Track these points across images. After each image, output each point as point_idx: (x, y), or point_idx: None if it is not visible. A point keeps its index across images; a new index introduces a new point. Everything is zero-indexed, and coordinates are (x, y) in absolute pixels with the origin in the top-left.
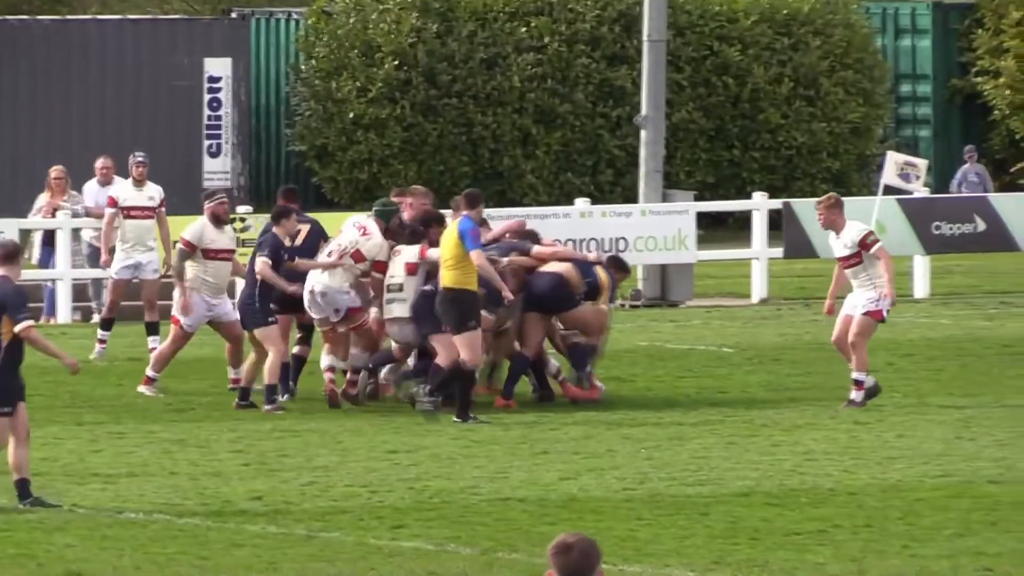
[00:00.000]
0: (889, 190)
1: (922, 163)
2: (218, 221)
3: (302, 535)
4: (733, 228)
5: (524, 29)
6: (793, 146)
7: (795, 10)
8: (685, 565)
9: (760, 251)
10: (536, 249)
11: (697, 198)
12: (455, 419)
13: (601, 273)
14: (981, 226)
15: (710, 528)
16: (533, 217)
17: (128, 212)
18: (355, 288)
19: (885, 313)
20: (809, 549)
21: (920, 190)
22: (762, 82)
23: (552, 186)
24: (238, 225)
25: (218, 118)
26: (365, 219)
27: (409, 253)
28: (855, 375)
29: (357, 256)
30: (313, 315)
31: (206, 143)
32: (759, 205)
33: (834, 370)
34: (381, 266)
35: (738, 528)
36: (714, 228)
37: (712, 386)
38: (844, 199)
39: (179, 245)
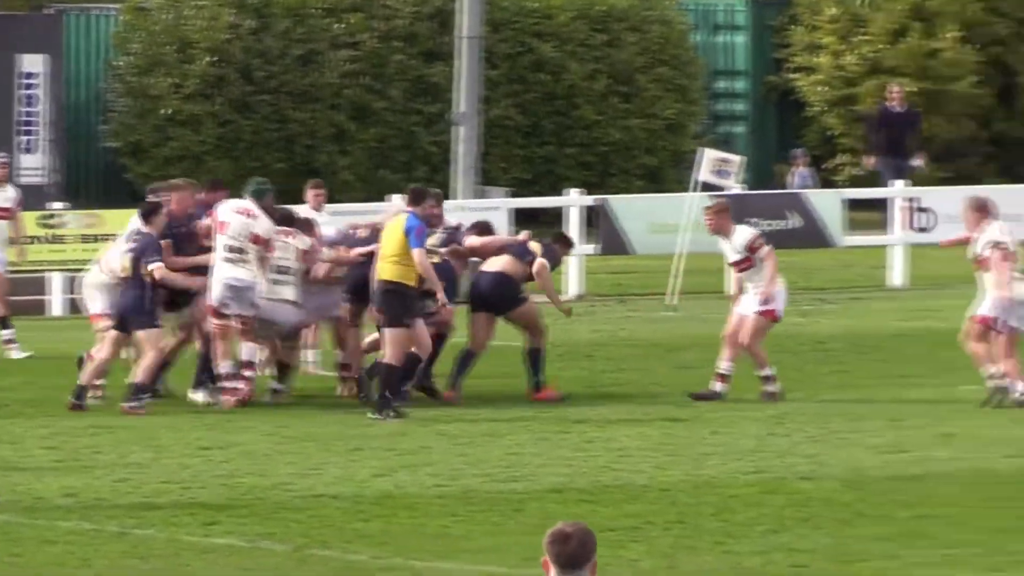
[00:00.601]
0: (704, 186)
1: (737, 159)
2: None
3: (115, 532)
4: (548, 225)
5: (340, 25)
6: (608, 143)
7: (611, 6)
8: (498, 561)
9: (575, 248)
10: (470, 240)
11: (512, 195)
12: (370, 414)
13: (535, 247)
14: (795, 222)
15: (523, 524)
16: (349, 214)
17: None
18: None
19: (779, 313)
20: (623, 545)
21: (735, 186)
22: (578, 79)
23: (367, 182)
24: (55, 221)
25: (33, 115)
26: (243, 203)
27: (302, 242)
28: (760, 372)
29: (256, 240)
30: (227, 310)
31: (20, 139)
32: (574, 202)
33: (648, 366)
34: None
35: (551, 524)
36: (529, 225)
37: (525, 383)
38: (658, 196)
39: None
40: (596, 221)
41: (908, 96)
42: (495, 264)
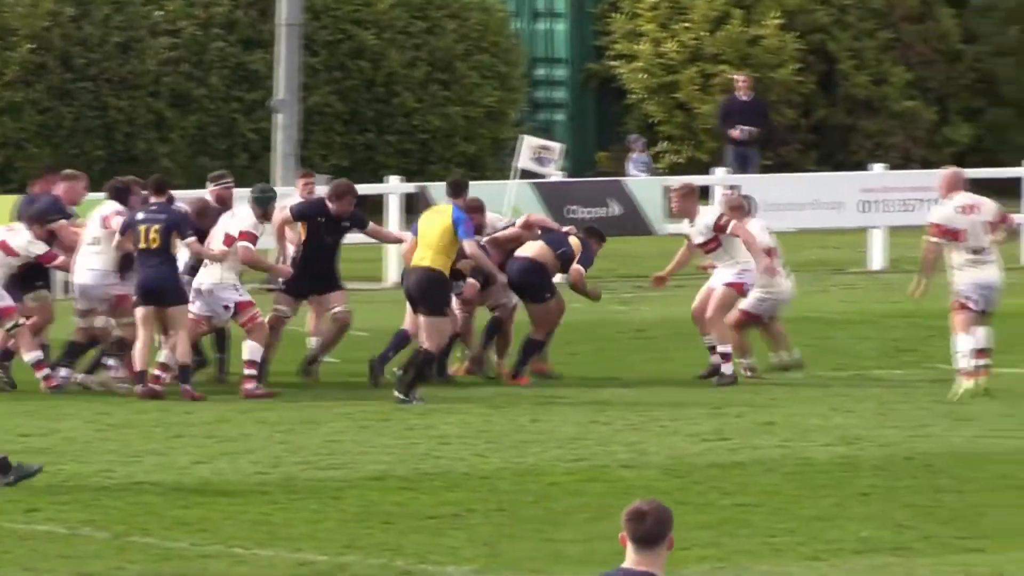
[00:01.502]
0: (524, 174)
1: (556, 147)
2: None
3: None
4: (368, 212)
5: (160, 13)
6: (428, 130)
7: None
8: (318, 549)
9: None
10: (513, 228)
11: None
12: (398, 395)
13: (575, 243)
14: (616, 210)
15: (343, 512)
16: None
17: None
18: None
19: (747, 287)
20: (443, 533)
21: (555, 174)
22: (397, 66)
23: (187, 170)
24: None
25: None
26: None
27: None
28: (720, 349)
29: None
30: (195, 312)
31: None
32: (394, 189)
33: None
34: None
35: (371, 512)
36: None
37: (346, 370)
38: (478, 183)
39: None
40: (416, 208)
41: (728, 83)
42: (528, 250)
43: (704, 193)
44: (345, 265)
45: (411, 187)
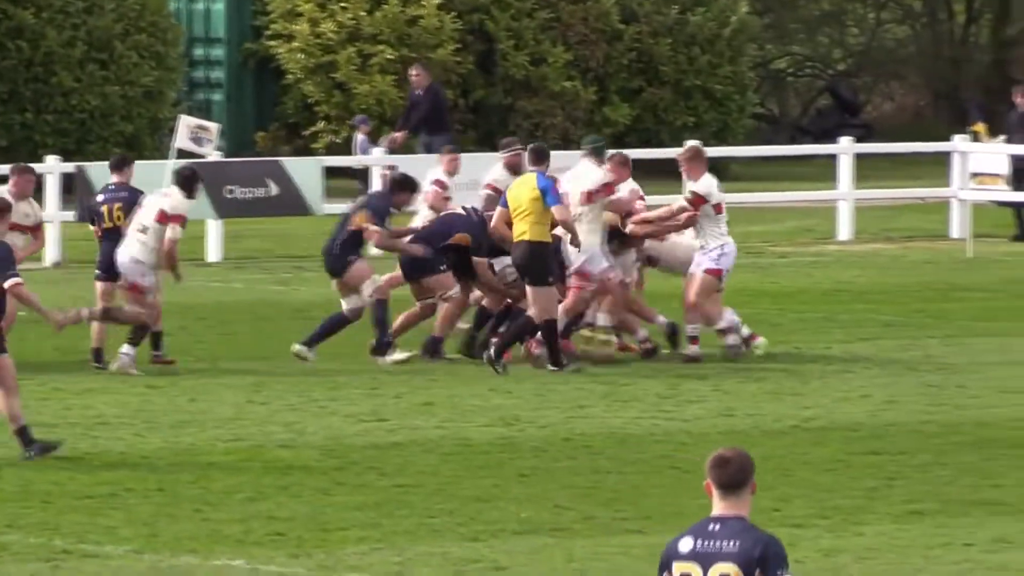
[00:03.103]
0: (182, 154)
1: (214, 127)
2: None
3: None
4: None
5: None
6: (86, 110)
7: None
8: None
9: (54, 215)
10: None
11: None
12: (551, 367)
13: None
14: (274, 190)
15: (1, 491)
16: None
17: None
18: None
19: (725, 272)
20: (101, 512)
21: (212, 154)
22: (56, 45)
23: None
24: None
25: None
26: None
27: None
28: (719, 327)
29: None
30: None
31: None
32: (52, 168)
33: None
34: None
35: (30, 491)
36: None
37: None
38: (137, 163)
39: None
40: (73, 188)
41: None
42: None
43: (365, 175)
44: None
45: (70, 167)
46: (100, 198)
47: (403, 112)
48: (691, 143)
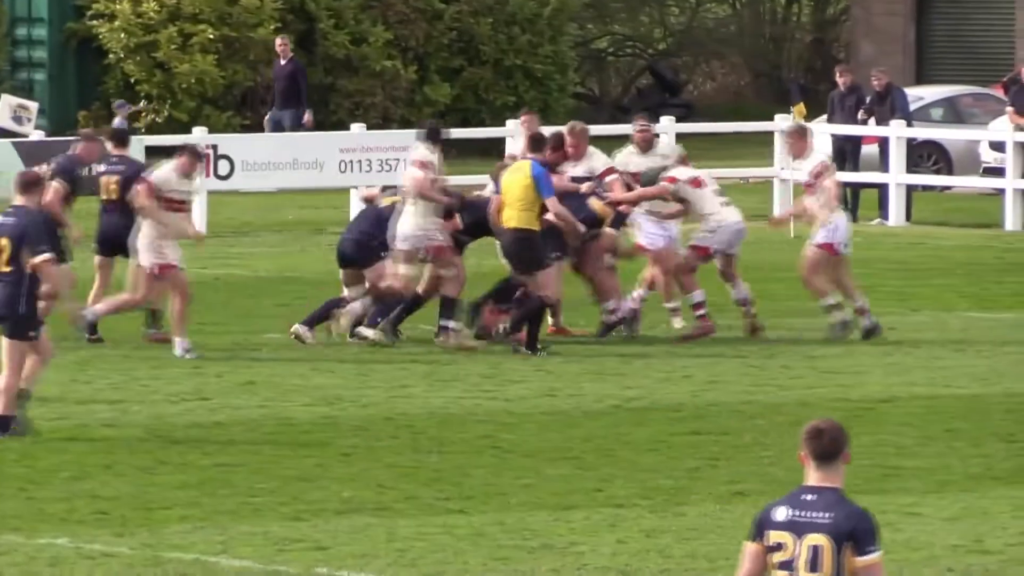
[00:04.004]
0: (3, 132)
1: (33, 106)
2: None
3: None
4: None
5: None
6: None
7: None
8: None
9: None
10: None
11: None
12: (525, 350)
13: (595, 205)
14: None
15: None
16: None
17: None
18: None
19: (838, 246)
20: None
21: (33, 132)
22: None
23: None
24: None
25: None
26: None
27: None
28: (823, 303)
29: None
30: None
31: None
32: None
33: None
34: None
35: None
36: None
37: None
38: None
39: None
40: None
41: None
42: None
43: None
44: None
45: None
46: (102, 168)
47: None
48: (795, 122)
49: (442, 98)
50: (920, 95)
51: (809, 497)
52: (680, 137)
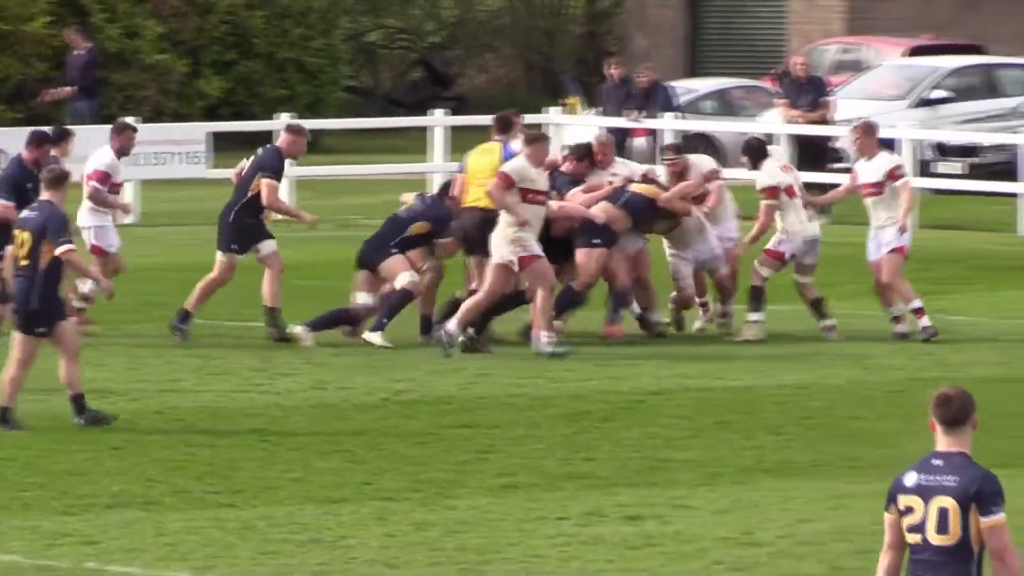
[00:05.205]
0: None
1: None
2: None
3: None
4: None
5: None
6: None
7: None
8: None
9: None
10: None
11: None
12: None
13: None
14: None
15: None
16: None
17: None
18: None
19: (908, 247)
20: None
21: None
22: None
23: None
24: None
25: None
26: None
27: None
28: (910, 306)
29: None
30: None
31: None
32: None
33: None
34: None
35: None
36: None
37: None
38: None
39: None
40: None
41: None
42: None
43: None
44: None
45: None
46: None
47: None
48: (864, 119)
49: (214, 92)
50: (692, 88)
51: (937, 462)
52: (454, 130)
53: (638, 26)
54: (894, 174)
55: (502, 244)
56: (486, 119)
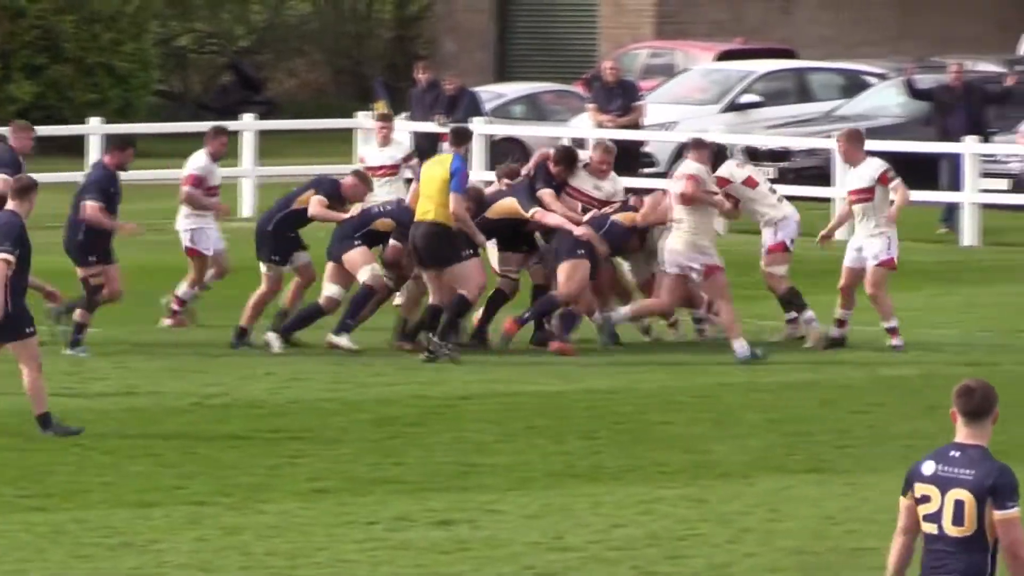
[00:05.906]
0: None
1: None
2: None
3: None
4: None
5: None
6: None
7: None
8: None
9: None
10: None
11: None
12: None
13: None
14: None
15: None
16: None
17: None
18: None
19: (895, 260)
20: None
21: None
22: None
23: None
24: None
25: None
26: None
27: None
28: (883, 325)
29: None
30: None
31: None
32: None
33: None
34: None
35: None
36: None
37: None
38: None
39: None
40: None
41: None
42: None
43: None
44: None
45: None
46: None
47: None
48: (851, 126)
49: (25, 96)
50: (502, 92)
51: (955, 453)
52: (263, 135)
53: (447, 30)
54: (886, 178)
55: (685, 251)
56: (296, 124)
